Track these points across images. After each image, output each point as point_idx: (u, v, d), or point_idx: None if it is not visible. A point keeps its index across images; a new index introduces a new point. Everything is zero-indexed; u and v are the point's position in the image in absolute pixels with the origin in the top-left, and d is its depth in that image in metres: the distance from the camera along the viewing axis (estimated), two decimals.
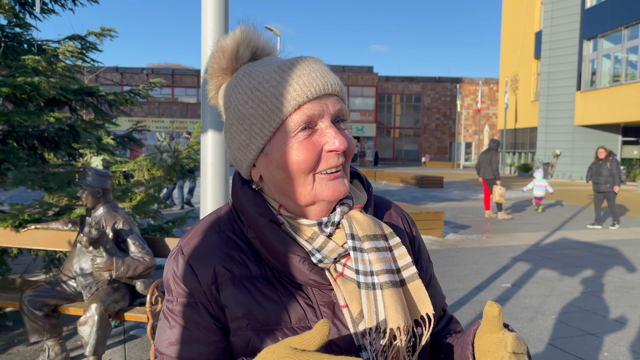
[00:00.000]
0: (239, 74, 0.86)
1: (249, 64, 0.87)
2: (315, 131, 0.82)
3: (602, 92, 23.14)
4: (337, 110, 0.83)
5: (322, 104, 0.82)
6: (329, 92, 0.82)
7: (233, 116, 0.85)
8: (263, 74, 0.83)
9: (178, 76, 40.57)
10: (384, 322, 0.79)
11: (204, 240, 0.88)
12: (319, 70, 0.83)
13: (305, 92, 0.80)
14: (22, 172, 4.43)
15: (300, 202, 0.84)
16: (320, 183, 0.82)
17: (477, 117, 47.41)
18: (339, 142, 0.80)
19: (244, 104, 0.83)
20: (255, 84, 0.82)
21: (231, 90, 0.86)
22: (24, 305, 3.35)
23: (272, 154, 0.83)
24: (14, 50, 4.93)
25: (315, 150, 0.81)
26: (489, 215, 11.65)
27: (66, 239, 3.85)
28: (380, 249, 0.83)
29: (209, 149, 2.64)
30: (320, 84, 0.81)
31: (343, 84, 0.87)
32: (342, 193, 0.83)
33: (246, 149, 0.85)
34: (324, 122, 0.82)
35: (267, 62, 0.85)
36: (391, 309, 0.79)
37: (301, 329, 0.82)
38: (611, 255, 7.72)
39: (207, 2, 2.56)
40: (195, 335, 0.84)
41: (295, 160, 0.80)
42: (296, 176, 0.82)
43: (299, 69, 0.82)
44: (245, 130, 0.84)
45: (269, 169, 0.84)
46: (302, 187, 0.83)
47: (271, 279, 0.85)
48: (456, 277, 6.19)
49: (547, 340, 4.22)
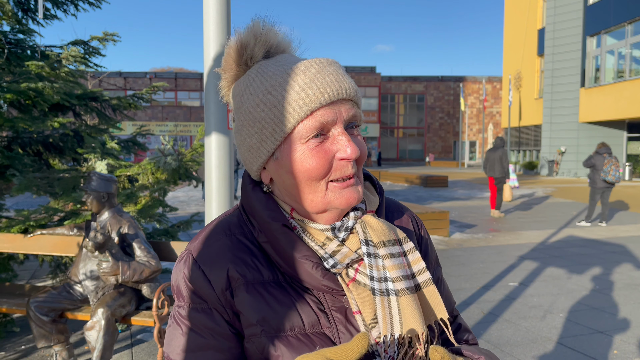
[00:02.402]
0: (251, 73, 0.84)
1: (262, 63, 0.84)
2: (327, 138, 0.80)
3: (607, 89, 23.03)
4: (350, 116, 0.81)
5: (336, 110, 0.79)
6: (343, 98, 0.80)
7: (244, 118, 0.83)
8: (276, 76, 0.80)
9: (181, 80, 40.67)
10: (400, 328, 0.77)
11: (214, 244, 0.86)
12: (333, 74, 0.80)
13: (318, 97, 0.78)
14: (27, 178, 4.44)
15: (311, 209, 0.82)
16: (332, 191, 0.80)
17: (481, 116, 47.31)
18: (351, 150, 0.78)
19: (255, 106, 0.81)
20: (268, 87, 0.80)
21: (243, 90, 0.84)
22: (30, 310, 3.35)
23: (283, 159, 0.81)
24: (17, 56, 4.95)
25: (327, 158, 0.79)
26: (498, 215, 11.51)
27: (72, 244, 3.85)
28: (396, 254, 0.81)
29: (213, 151, 2.63)
30: (334, 89, 0.79)
31: (358, 88, 0.85)
32: (356, 201, 0.81)
33: (256, 152, 0.84)
34: (337, 128, 0.80)
35: (281, 62, 0.83)
36: (408, 315, 0.77)
37: (314, 335, 0.80)
38: (619, 252, 7.67)
39: (209, 5, 2.55)
40: (210, 342, 0.82)
41: (306, 168, 0.79)
42: (307, 183, 0.80)
43: (313, 73, 0.79)
44: (256, 133, 0.82)
45: (279, 173, 0.83)
46: (313, 195, 0.81)
47: (283, 284, 0.83)
48: (463, 277, 6.16)
49: (556, 339, 4.19)
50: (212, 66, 2.56)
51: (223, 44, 2.57)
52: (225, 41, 2.58)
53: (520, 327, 4.46)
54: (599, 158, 10.21)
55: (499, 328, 4.44)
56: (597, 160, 10.22)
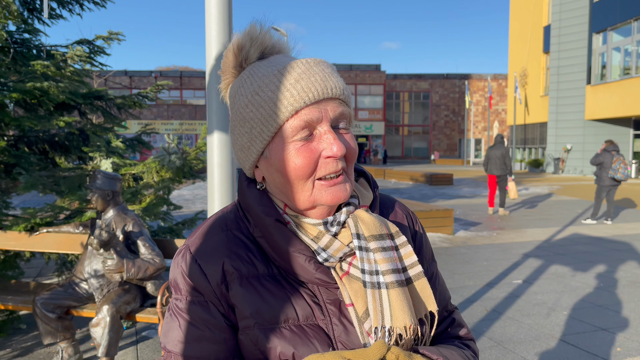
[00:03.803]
0: (244, 74, 0.87)
1: (255, 64, 0.86)
2: (314, 136, 0.82)
3: (613, 86, 22.90)
4: (337, 114, 0.82)
5: (321, 108, 0.81)
6: (329, 97, 0.81)
7: (236, 118, 0.86)
8: (264, 76, 0.83)
9: (186, 78, 40.77)
10: (390, 320, 0.79)
11: (211, 239, 0.88)
12: (319, 74, 0.82)
13: (302, 97, 0.80)
14: (33, 177, 4.48)
15: (300, 206, 0.84)
16: (319, 189, 0.82)
17: (486, 114, 47.14)
18: (337, 148, 0.80)
19: (244, 107, 0.84)
20: (256, 87, 0.83)
21: (235, 91, 0.87)
22: (36, 307, 3.39)
23: (272, 158, 0.83)
24: (23, 55, 4.98)
25: (313, 156, 0.81)
26: (503, 213, 11.48)
27: (77, 241, 3.89)
28: (387, 248, 0.83)
29: (215, 150, 2.65)
30: (319, 89, 0.81)
31: (347, 86, 0.86)
32: (342, 199, 0.83)
33: (247, 150, 0.86)
34: (323, 127, 0.81)
35: (272, 63, 0.85)
36: (397, 308, 0.79)
37: (308, 327, 0.82)
38: (623, 250, 7.65)
39: (210, 5, 2.57)
40: (205, 333, 0.84)
41: (292, 167, 0.81)
42: (294, 182, 0.82)
43: (298, 73, 0.81)
44: (246, 132, 0.85)
45: (270, 172, 0.85)
46: (301, 193, 0.83)
47: (278, 278, 0.85)
48: (467, 275, 6.16)
49: (559, 336, 4.19)
50: (214, 65, 2.58)
51: (225, 43, 2.59)
52: (227, 41, 2.60)
53: (523, 324, 4.47)
54: (608, 155, 10.15)
55: (502, 325, 4.44)
56: (606, 157, 10.16)
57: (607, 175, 10.14)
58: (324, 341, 0.82)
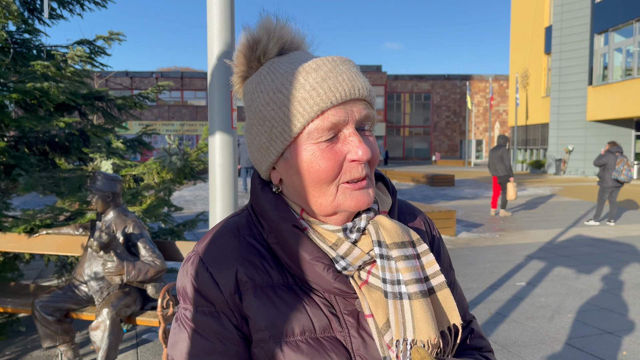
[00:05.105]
0: (263, 70, 0.81)
1: (275, 60, 0.82)
2: (338, 138, 0.77)
3: (615, 87, 22.86)
4: (363, 116, 0.78)
5: (348, 110, 0.77)
6: (355, 97, 0.77)
7: (254, 116, 0.81)
8: (287, 74, 0.78)
9: (187, 79, 40.77)
10: (412, 333, 0.75)
11: (222, 245, 0.83)
12: (346, 73, 0.78)
13: (329, 97, 0.75)
14: (33, 178, 4.45)
15: (320, 212, 0.80)
16: (343, 193, 0.78)
17: (487, 114, 47.11)
18: (362, 152, 0.76)
19: (265, 105, 0.79)
20: (278, 85, 0.78)
21: (254, 88, 0.82)
22: (36, 310, 3.35)
23: (292, 159, 0.78)
24: (23, 56, 4.95)
25: (338, 159, 0.76)
26: (504, 214, 11.45)
27: (77, 243, 3.86)
28: (409, 256, 0.79)
29: (217, 151, 2.61)
30: (346, 89, 0.76)
31: (372, 87, 0.82)
32: (366, 204, 0.79)
33: (266, 151, 0.81)
34: (348, 129, 0.77)
35: (294, 60, 0.80)
36: (421, 320, 0.75)
37: (325, 339, 0.78)
38: (627, 252, 7.60)
39: (212, 4, 2.54)
40: (217, 346, 0.79)
41: (316, 170, 0.76)
42: (316, 185, 0.78)
43: (324, 71, 0.77)
44: (266, 132, 0.80)
45: (289, 174, 0.80)
46: (323, 197, 0.78)
47: (293, 287, 0.81)
48: (470, 277, 6.12)
49: (564, 339, 4.15)
50: (216, 65, 2.54)
51: (227, 43, 2.55)
52: (229, 40, 2.56)
53: (527, 327, 4.42)
54: (611, 157, 10.11)
55: (506, 328, 4.40)
56: (610, 159, 10.12)
57: (610, 176, 10.09)
58: (343, 354, 0.78)
